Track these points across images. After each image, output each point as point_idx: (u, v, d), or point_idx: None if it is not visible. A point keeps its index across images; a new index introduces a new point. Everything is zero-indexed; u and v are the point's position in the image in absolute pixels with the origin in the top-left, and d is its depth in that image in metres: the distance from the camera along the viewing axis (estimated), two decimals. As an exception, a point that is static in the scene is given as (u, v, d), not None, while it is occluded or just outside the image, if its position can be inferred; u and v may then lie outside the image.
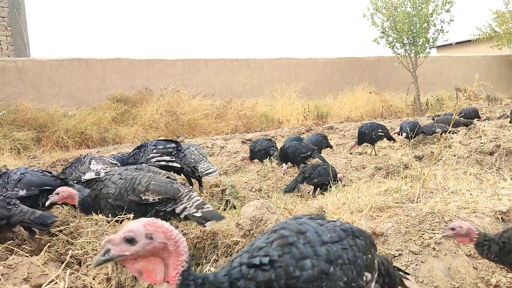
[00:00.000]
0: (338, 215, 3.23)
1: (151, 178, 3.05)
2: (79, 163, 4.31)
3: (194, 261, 3.18)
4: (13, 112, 11.15)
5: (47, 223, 3.39)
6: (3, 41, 14.31)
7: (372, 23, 15.83)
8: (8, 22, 14.26)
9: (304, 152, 6.31)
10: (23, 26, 14.54)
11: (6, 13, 14.22)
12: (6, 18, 14.24)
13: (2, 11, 14.22)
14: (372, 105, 15.39)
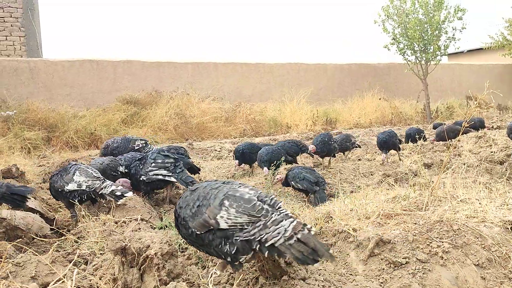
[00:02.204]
0: (345, 221, 3.22)
1: None
2: (65, 172, 4.34)
3: (200, 263, 3.19)
4: (24, 111, 11.27)
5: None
6: (16, 42, 14.50)
7: (383, 29, 15.80)
8: (22, 23, 14.45)
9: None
10: (36, 27, 14.73)
11: (20, 14, 14.41)
12: (20, 19, 14.43)
13: (16, 12, 14.41)
14: (382, 111, 15.34)
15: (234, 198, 2.42)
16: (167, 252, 2.49)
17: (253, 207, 2.36)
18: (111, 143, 6.32)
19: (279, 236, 2.22)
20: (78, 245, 3.42)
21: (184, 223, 2.53)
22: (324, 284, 2.51)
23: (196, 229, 2.45)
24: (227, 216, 2.36)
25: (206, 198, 2.49)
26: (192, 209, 2.49)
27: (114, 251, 2.49)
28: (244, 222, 2.34)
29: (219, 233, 2.38)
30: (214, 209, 2.40)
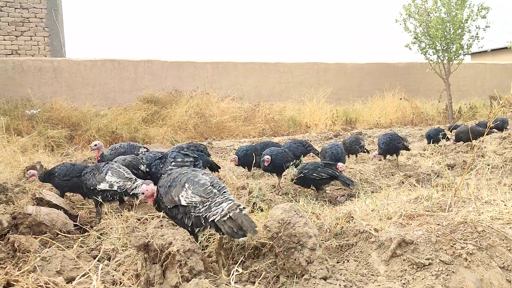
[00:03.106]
0: (367, 222, 3.20)
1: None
2: (97, 171, 4.40)
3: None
4: (48, 110, 11.51)
5: None
6: (40, 42, 14.81)
7: (405, 28, 15.59)
8: (46, 23, 14.75)
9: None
10: (59, 27, 15.02)
11: (44, 15, 14.72)
12: (44, 20, 14.74)
13: (41, 13, 14.72)
14: (403, 111, 15.15)
15: (192, 182, 3.02)
16: (189, 249, 2.51)
17: (204, 190, 2.92)
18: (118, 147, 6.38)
19: (217, 214, 2.72)
20: (101, 241, 3.47)
21: (161, 198, 3.14)
22: (345, 284, 2.49)
23: (167, 204, 3.05)
24: (185, 196, 2.94)
25: (175, 180, 3.12)
26: (165, 188, 3.12)
27: (137, 247, 2.52)
28: (197, 201, 2.89)
29: (181, 209, 2.96)
30: (178, 189, 3.01)
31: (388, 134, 7.23)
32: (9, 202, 5.17)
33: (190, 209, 2.88)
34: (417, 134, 11.36)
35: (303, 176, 5.18)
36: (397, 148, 6.95)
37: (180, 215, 2.95)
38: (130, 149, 6.21)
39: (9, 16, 14.49)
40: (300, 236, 2.56)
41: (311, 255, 2.54)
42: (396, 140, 6.98)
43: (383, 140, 6.98)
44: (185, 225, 2.94)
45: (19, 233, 3.62)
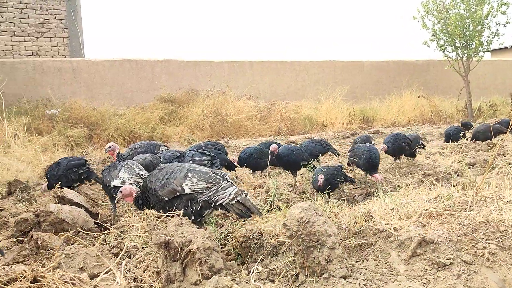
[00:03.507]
0: (386, 221, 3.17)
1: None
2: (113, 168, 4.53)
3: (239, 260, 3.22)
4: (67, 110, 11.70)
5: None
6: (60, 43, 15.06)
7: (423, 25, 15.39)
8: (65, 24, 15.00)
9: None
10: (79, 28, 15.25)
11: (63, 16, 14.97)
12: (63, 21, 14.99)
13: (60, 14, 14.97)
14: (421, 109, 14.96)
15: (195, 171, 3.36)
16: (209, 247, 2.53)
17: (209, 177, 3.32)
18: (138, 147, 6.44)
19: (225, 198, 3.22)
20: (121, 239, 3.52)
21: (154, 193, 3.34)
22: (365, 283, 2.48)
23: (165, 196, 3.30)
24: (190, 184, 3.27)
25: (173, 172, 3.36)
26: (161, 181, 3.33)
27: (158, 245, 2.55)
28: (203, 187, 3.27)
29: (184, 197, 3.28)
30: (180, 179, 3.29)
31: (394, 133, 7.09)
32: (31, 200, 5.29)
33: (196, 195, 3.26)
34: (435, 132, 11.22)
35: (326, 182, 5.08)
36: (402, 148, 6.76)
37: (182, 203, 3.28)
38: (150, 148, 6.29)
39: (29, 17, 14.77)
40: (320, 234, 2.56)
41: (331, 254, 2.54)
42: (402, 139, 6.80)
43: (388, 139, 6.83)
44: (188, 212, 3.25)
45: (41, 231, 3.69)
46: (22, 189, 5.53)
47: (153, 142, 6.81)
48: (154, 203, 3.41)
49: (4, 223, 4.32)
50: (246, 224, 3.83)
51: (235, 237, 3.41)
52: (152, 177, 3.47)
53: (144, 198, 3.49)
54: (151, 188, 3.39)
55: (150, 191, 3.40)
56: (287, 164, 6.05)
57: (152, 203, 3.44)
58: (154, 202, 3.40)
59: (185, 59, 15.04)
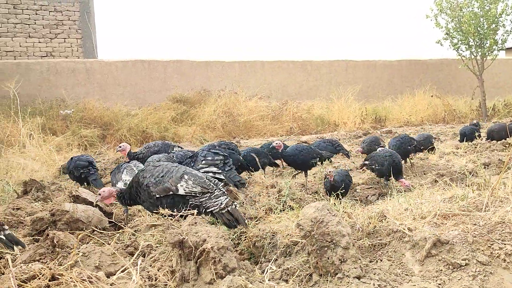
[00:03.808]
0: (400, 221, 3.16)
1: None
2: (118, 170, 4.75)
3: (253, 259, 3.23)
4: (81, 110, 11.83)
5: None
6: (73, 44, 15.24)
7: (436, 24, 15.24)
8: (79, 25, 15.17)
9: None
10: (92, 29, 15.41)
11: (77, 17, 15.14)
12: (77, 22, 15.16)
13: (74, 15, 15.15)
14: (434, 109, 14.82)
15: (191, 174, 3.41)
16: (223, 246, 2.54)
17: (204, 182, 3.36)
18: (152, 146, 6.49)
19: (216, 207, 3.30)
20: (135, 238, 3.55)
21: (146, 188, 3.36)
22: (380, 283, 2.47)
23: (157, 194, 3.33)
24: (185, 186, 3.31)
25: (169, 171, 3.40)
26: (156, 178, 3.37)
27: (172, 244, 2.57)
28: (197, 191, 3.31)
29: (176, 198, 3.32)
30: (176, 179, 3.34)
31: (399, 137, 6.93)
32: (46, 200, 5.36)
33: (188, 198, 3.32)
34: (449, 132, 11.11)
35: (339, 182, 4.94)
36: (407, 151, 6.58)
37: (171, 204, 3.32)
38: (164, 147, 6.33)
39: (43, 19, 14.97)
40: (333, 234, 2.55)
41: (345, 254, 2.53)
42: (407, 143, 6.62)
43: (393, 143, 6.61)
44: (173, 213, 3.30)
45: (57, 229, 3.74)
46: (37, 188, 5.61)
47: (167, 142, 6.85)
48: (144, 198, 3.42)
49: (21, 221, 4.39)
50: (259, 224, 3.84)
51: (248, 237, 3.41)
52: (146, 172, 3.48)
53: (134, 193, 3.49)
54: (143, 183, 3.41)
55: (142, 186, 3.41)
56: (295, 164, 6.04)
57: (141, 199, 3.45)
58: (144, 198, 3.41)
59: (197, 59, 15.11)
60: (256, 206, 4.62)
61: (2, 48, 14.61)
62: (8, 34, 14.68)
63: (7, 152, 8.21)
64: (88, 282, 2.19)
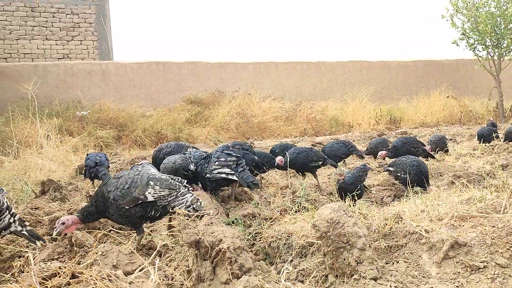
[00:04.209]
0: (417, 222, 3.13)
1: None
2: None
3: (268, 260, 3.24)
4: (97, 111, 11.97)
5: None
6: (90, 46, 15.43)
7: (452, 24, 15.07)
8: (95, 28, 15.36)
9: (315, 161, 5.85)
10: (107, 31, 15.59)
11: (93, 20, 15.34)
12: (93, 24, 15.36)
13: (90, 18, 15.35)
14: (450, 110, 14.64)
15: (156, 179, 3.43)
16: (239, 246, 2.55)
17: (170, 184, 3.42)
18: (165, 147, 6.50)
19: (182, 204, 3.38)
20: (151, 238, 3.59)
21: (114, 202, 3.32)
22: (396, 285, 2.46)
23: (126, 205, 3.30)
24: (153, 192, 3.34)
25: (133, 181, 3.39)
26: (122, 190, 3.34)
27: (188, 243, 2.59)
28: (166, 194, 3.37)
29: (144, 205, 3.33)
30: (143, 188, 3.34)
31: (403, 138, 6.79)
32: (64, 199, 5.44)
33: (157, 202, 3.36)
34: (465, 133, 10.96)
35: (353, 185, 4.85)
36: (411, 153, 6.23)
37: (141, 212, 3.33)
38: (177, 148, 6.33)
39: (60, 22, 15.20)
40: (350, 236, 2.55)
41: (361, 255, 2.53)
42: (411, 144, 6.44)
43: (395, 144, 6.49)
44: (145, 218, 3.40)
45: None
46: (55, 188, 5.69)
47: (180, 143, 6.85)
48: (112, 212, 3.38)
49: (39, 221, 4.46)
50: (274, 224, 3.85)
51: (263, 237, 3.43)
52: (109, 186, 3.43)
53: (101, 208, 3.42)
54: (109, 197, 3.36)
55: (109, 201, 3.36)
56: (295, 167, 5.94)
57: (110, 212, 3.40)
58: (113, 211, 3.37)
59: (211, 61, 15.18)
60: (271, 207, 4.63)
61: (20, 51, 14.87)
62: (26, 37, 14.94)
63: (25, 153, 8.33)
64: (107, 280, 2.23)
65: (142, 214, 3.35)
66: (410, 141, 6.57)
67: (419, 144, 6.70)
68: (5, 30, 14.70)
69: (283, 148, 6.84)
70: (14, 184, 6.03)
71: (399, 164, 5.31)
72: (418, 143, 6.68)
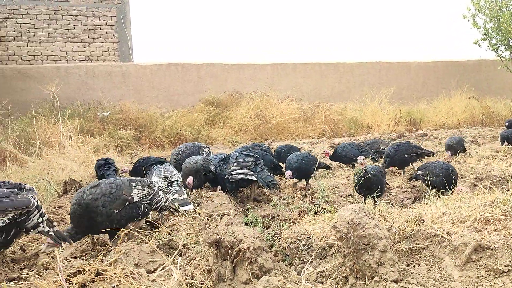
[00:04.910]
0: (438, 225, 3.09)
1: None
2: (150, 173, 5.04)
3: (287, 261, 3.24)
4: (117, 112, 12.14)
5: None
6: (110, 48, 15.66)
7: (473, 24, 14.81)
8: (116, 30, 15.59)
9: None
10: (128, 34, 15.80)
11: (114, 22, 15.57)
12: (114, 26, 15.59)
13: (111, 20, 15.58)
14: (471, 111, 14.37)
15: (135, 180, 3.77)
16: (259, 246, 2.56)
17: (147, 183, 3.82)
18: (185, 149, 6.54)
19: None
20: (171, 237, 3.62)
21: (103, 209, 3.40)
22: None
23: (115, 209, 3.46)
24: (137, 192, 3.64)
25: (117, 185, 3.56)
26: (110, 196, 3.47)
27: (209, 243, 2.61)
28: (146, 193, 3.71)
29: (132, 205, 3.58)
30: (127, 189, 3.59)
31: (396, 144, 6.67)
32: (86, 199, 5.53)
33: (141, 201, 3.65)
34: (487, 135, 10.76)
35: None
36: (404, 161, 6.39)
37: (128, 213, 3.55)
38: (195, 149, 6.41)
39: (82, 24, 15.47)
40: (370, 237, 2.53)
41: (382, 257, 2.51)
42: (404, 151, 6.38)
43: (388, 152, 6.44)
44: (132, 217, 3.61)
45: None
46: (76, 187, 5.80)
47: (197, 143, 6.94)
48: (101, 220, 3.38)
49: (61, 220, 4.55)
50: (293, 225, 3.85)
51: (282, 238, 3.43)
52: (94, 195, 3.43)
53: (86, 222, 3.37)
54: (98, 205, 3.39)
55: (97, 210, 3.37)
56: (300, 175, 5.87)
57: (98, 222, 3.38)
58: (102, 219, 3.38)
59: (229, 62, 15.24)
60: (289, 208, 4.63)
61: (43, 53, 15.18)
62: (48, 39, 15.24)
63: (48, 153, 8.50)
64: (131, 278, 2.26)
65: (130, 216, 3.57)
66: (403, 148, 6.49)
67: (414, 148, 6.62)
68: (28, 32, 15.02)
69: (289, 149, 6.92)
70: (38, 184, 6.16)
71: (428, 167, 5.31)
72: (412, 148, 6.60)
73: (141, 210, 3.64)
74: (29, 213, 2.70)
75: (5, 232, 2.57)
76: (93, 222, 3.38)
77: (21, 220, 2.65)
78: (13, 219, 2.58)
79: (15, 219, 2.61)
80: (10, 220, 2.57)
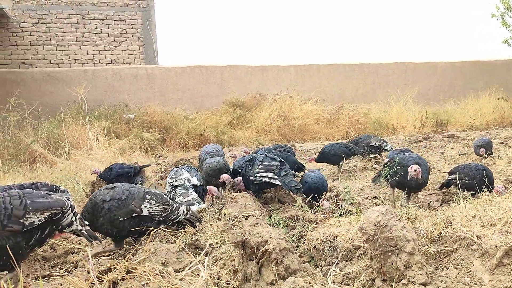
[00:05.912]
0: (467, 228, 3.03)
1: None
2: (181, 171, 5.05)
3: (312, 262, 3.23)
4: (143, 114, 12.34)
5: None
6: (136, 51, 15.92)
7: (502, 23, 14.47)
8: (141, 33, 15.85)
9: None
10: (153, 37, 16.04)
11: (139, 25, 15.83)
12: (139, 30, 15.85)
13: (136, 24, 15.85)
14: (500, 112, 14.00)
15: (152, 193, 3.52)
16: (285, 247, 2.57)
17: (165, 199, 3.55)
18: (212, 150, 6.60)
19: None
20: (197, 238, 3.66)
21: (108, 212, 3.31)
22: (447, 291, 2.39)
23: (120, 216, 3.32)
24: (149, 206, 3.42)
25: (131, 193, 3.41)
26: (118, 201, 3.34)
27: (235, 244, 2.63)
28: (159, 210, 3.47)
29: (139, 218, 3.39)
30: (139, 200, 3.39)
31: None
32: (113, 199, 5.64)
33: (151, 217, 3.45)
34: (517, 136, 10.47)
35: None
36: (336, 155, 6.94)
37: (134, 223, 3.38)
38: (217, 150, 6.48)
39: (109, 28, 15.78)
40: (398, 239, 2.50)
41: (409, 259, 2.48)
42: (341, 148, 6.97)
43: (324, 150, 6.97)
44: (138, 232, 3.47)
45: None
46: (104, 188, 5.91)
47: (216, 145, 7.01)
48: (103, 222, 3.32)
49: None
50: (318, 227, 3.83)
51: (307, 240, 3.42)
52: (104, 196, 3.39)
53: (89, 219, 3.33)
54: (104, 207, 3.32)
55: (102, 211, 3.31)
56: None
57: (99, 223, 3.33)
58: (104, 222, 3.31)
59: (253, 64, 15.28)
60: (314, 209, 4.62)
61: (72, 56, 15.55)
62: (76, 43, 15.60)
63: (76, 154, 8.71)
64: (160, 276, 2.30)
65: (134, 228, 3.37)
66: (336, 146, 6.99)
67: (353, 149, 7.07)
68: (57, 37, 15.42)
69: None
70: (67, 184, 6.31)
71: (463, 169, 5.21)
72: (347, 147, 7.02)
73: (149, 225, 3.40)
74: (64, 212, 2.82)
75: (40, 230, 2.71)
76: (94, 221, 3.33)
77: (57, 218, 2.80)
78: (49, 217, 2.72)
79: (51, 217, 2.75)
80: (46, 218, 2.70)
